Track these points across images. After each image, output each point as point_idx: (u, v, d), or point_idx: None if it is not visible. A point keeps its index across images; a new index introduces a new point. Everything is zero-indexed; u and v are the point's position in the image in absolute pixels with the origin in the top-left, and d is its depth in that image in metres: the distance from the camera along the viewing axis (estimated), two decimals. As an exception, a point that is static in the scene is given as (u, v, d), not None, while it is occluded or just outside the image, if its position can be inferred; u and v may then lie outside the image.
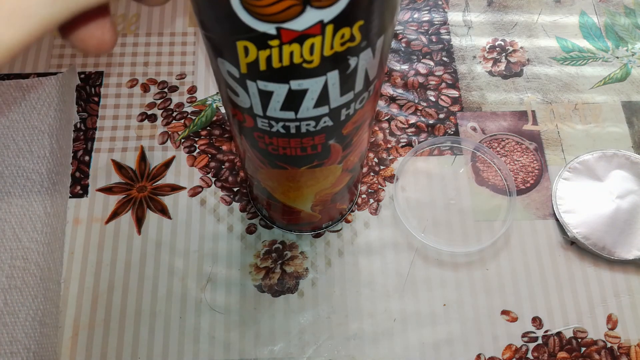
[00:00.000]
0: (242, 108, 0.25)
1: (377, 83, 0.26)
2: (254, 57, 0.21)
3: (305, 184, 0.31)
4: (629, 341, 0.38)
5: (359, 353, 0.38)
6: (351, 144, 0.29)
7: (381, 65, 0.25)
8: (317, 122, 0.25)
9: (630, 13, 0.50)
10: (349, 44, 0.21)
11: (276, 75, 0.22)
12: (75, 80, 0.46)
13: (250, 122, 0.25)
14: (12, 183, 0.41)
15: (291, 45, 0.20)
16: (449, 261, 0.40)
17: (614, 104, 0.46)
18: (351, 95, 0.24)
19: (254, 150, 0.28)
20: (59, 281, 0.39)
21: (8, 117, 0.43)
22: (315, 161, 0.28)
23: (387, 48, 0.25)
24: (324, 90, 0.23)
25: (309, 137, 0.26)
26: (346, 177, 0.33)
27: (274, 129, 0.25)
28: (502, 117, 0.45)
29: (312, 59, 0.21)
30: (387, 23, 0.22)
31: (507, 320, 0.39)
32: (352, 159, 0.31)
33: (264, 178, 0.32)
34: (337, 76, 0.22)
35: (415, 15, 0.50)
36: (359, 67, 0.23)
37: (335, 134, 0.26)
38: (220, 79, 0.24)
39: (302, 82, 0.22)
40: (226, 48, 0.21)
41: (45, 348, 0.37)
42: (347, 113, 0.25)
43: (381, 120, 0.45)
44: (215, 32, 0.21)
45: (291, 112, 0.24)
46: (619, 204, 0.41)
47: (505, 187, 0.43)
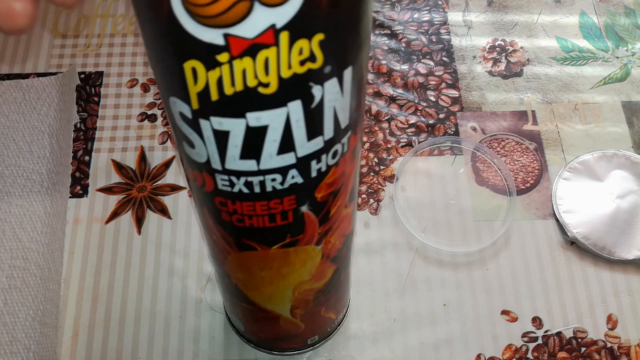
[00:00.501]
0: (199, 165, 0.22)
1: (352, 138, 0.23)
2: (203, 82, 0.19)
3: (280, 271, 0.27)
4: (629, 341, 0.38)
5: (359, 353, 0.38)
6: (329, 218, 0.25)
7: (354, 110, 0.22)
8: (284, 177, 0.22)
9: (630, 13, 0.50)
10: (309, 64, 0.19)
11: (230, 107, 0.19)
12: (75, 80, 0.46)
13: (210, 183, 0.23)
14: (12, 183, 0.41)
15: (243, 60, 0.18)
16: (449, 261, 0.40)
17: (614, 104, 0.46)
18: (320, 142, 0.21)
19: (218, 227, 0.25)
20: (59, 281, 0.39)
21: (8, 117, 0.43)
22: (287, 236, 0.25)
23: (359, 88, 0.22)
24: (287, 130, 0.20)
25: (276, 200, 0.23)
26: (329, 268, 0.29)
27: (235, 188, 0.22)
28: (502, 117, 0.45)
29: (269, 81, 0.19)
30: (353, 48, 0.20)
31: (507, 320, 0.39)
32: (333, 241, 0.27)
33: (233, 268, 0.28)
34: (301, 110, 0.20)
35: (415, 15, 0.50)
36: (326, 102, 0.20)
37: (308, 198, 0.23)
38: (177, 131, 0.22)
39: (261, 116, 0.19)
40: (174, 76, 0.19)
41: (45, 348, 0.37)
42: (319, 168, 0.22)
43: (381, 120, 0.45)
44: (161, 54, 0.19)
45: (252, 160, 0.21)
46: (619, 204, 0.41)
47: (505, 187, 0.43)
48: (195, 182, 0.24)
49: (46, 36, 0.48)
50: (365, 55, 0.22)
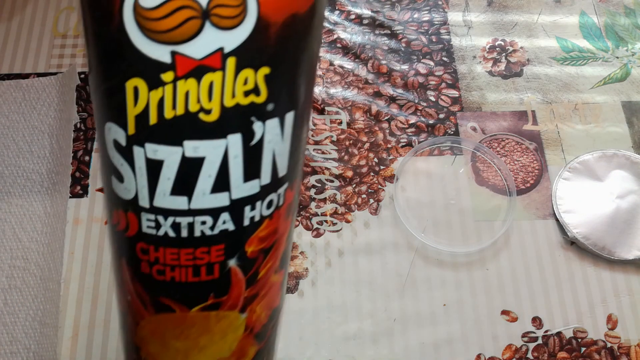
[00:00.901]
0: (125, 203, 0.21)
1: (288, 191, 0.22)
2: (144, 104, 0.18)
3: (197, 342, 0.24)
4: (629, 341, 0.38)
5: (359, 353, 0.38)
6: (257, 280, 0.23)
7: (292, 160, 0.21)
8: (214, 221, 0.20)
9: (630, 13, 0.50)
10: (253, 96, 0.18)
11: (168, 133, 0.18)
12: (75, 80, 0.46)
13: (133, 225, 0.21)
14: (12, 183, 0.41)
15: (187, 81, 0.17)
16: (449, 261, 0.40)
17: (614, 104, 0.46)
18: (256, 186, 0.20)
19: (136, 283, 0.23)
20: (59, 281, 0.39)
21: (8, 117, 0.43)
22: (210, 296, 0.22)
23: (299, 138, 0.21)
24: (224, 165, 0.19)
25: (204, 248, 0.21)
26: (251, 346, 0.26)
27: (161, 230, 0.20)
28: (502, 117, 0.45)
29: (211, 108, 0.18)
30: (297, 92, 0.20)
31: (507, 320, 0.39)
32: (258, 312, 0.24)
33: (145, 339, 0.25)
34: (240, 145, 0.19)
35: (415, 15, 0.50)
36: (265, 143, 0.20)
37: (237, 251, 0.22)
38: (106, 163, 0.21)
39: (199, 146, 0.19)
40: (114, 97, 0.18)
41: (45, 348, 0.37)
42: (252, 217, 0.21)
43: (381, 120, 0.45)
44: (105, 73, 0.18)
45: (184, 197, 0.20)
46: (619, 204, 0.41)
47: (505, 187, 0.43)
48: (117, 226, 0.22)
49: (46, 36, 0.48)
50: (308, 105, 0.21)
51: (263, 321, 0.25)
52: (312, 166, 0.43)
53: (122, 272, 0.23)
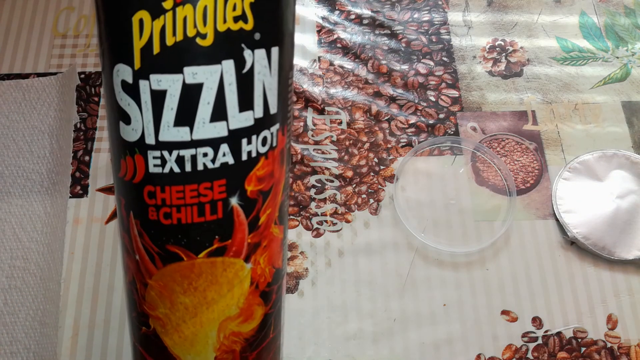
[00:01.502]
0: (132, 145, 0.22)
1: (280, 135, 0.24)
2: (148, 34, 0.20)
3: (205, 296, 0.25)
4: (629, 341, 0.38)
5: (359, 353, 0.38)
6: (258, 227, 0.25)
7: (282, 100, 0.24)
8: (215, 152, 0.22)
9: (630, 13, 0.50)
10: (241, 23, 0.21)
11: (170, 60, 0.21)
12: (75, 80, 0.46)
13: (140, 168, 0.23)
14: (12, 183, 0.41)
15: (185, 7, 0.20)
16: (449, 261, 0.40)
17: (614, 104, 0.46)
18: (250, 118, 0.22)
19: (143, 236, 0.24)
20: (59, 281, 0.39)
21: (8, 117, 0.43)
22: (215, 239, 0.24)
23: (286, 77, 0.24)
24: (220, 93, 0.22)
25: (207, 183, 0.23)
26: (258, 306, 0.26)
27: (167, 167, 0.22)
28: (502, 117, 0.45)
29: (206, 32, 0.20)
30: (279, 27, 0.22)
31: (507, 320, 0.39)
32: (262, 265, 0.26)
33: (154, 301, 0.25)
34: (233, 72, 0.21)
35: (415, 15, 0.50)
36: (256, 74, 0.22)
37: (238, 188, 0.23)
38: (115, 109, 0.23)
39: (197, 72, 0.21)
40: (122, 35, 0.21)
41: (45, 348, 0.37)
42: (249, 151, 0.23)
43: (381, 120, 0.45)
44: (113, 10, 0.21)
45: (186, 127, 0.22)
46: (619, 204, 0.41)
47: (505, 187, 0.43)
48: (124, 177, 0.24)
49: (46, 36, 0.48)
50: (290, 45, 0.24)
51: (268, 279, 0.26)
52: (312, 166, 0.43)
53: (130, 228, 0.24)
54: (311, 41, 0.48)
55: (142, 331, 0.27)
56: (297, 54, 0.48)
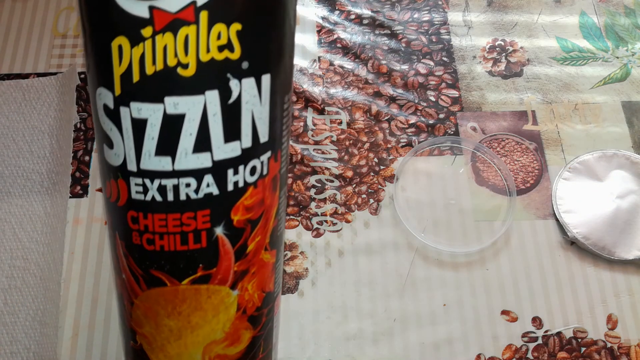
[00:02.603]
0: (115, 170, 0.22)
1: (272, 162, 0.23)
2: (127, 61, 0.19)
3: (189, 320, 0.24)
4: (629, 341, 0.38)
5: (359, 353, 0.38)
6: (245, 254, 0.23)
7: (274, 127, 0.22)
8: (198, 183, 0.21)
9: (630, 13, 0.50)
10: (227, 52, 0.19)
11: (150, 89, 0.20)
12: (75, 80, 0.46)
13: (124, 193, 0.22)
14: (12, 183, 0.41)
15: (165, 35, 0.19)
16: (449, 261, 0.40)
17: (614, 104, 0.46)
18: (237, 148, 0.21)
19: (128, 257, 0.24)
20: (59, 281, 0.39)
21: (8, 117, 0.43)
22: (199, 267, 0.23)
23: (280, 104, 0.22)
24: (204, 123, 0.20)
25: (190, 212, 0.22)
26: (245, 330, 0.25)
27: (149, 195, 0.21)
28: (502, 117, 0.45)
29: (188, 62, 0.19)
30: (271, 53, 0.21)
31: (507, 320, 0.39)
32: (251, 291, 0.25)
33: (140, 319, 0.25)
34: (218, 102, 0.20)
35: (415, 15, 0.50)
36: (243, 103, 0.21)
37: (223, 217, 0.22)
38: (99, 132, 0.22)
39: (179, 102, 0.20)
40: (102, 60, 0.20)
41: (45, 348, 0.37)
42: (236, 182, 0.22)
43: (381, 120, 0.45)
44: (94, 34, 0.20)
45: (167, 157, 0.21)
46: (619, 204, 0.41)
47: (505, 187, 0.43)
48: (110, 198, 0.23)
49: (46, 36, 0.48)
50: (286, 70, 0.22)
51: (257, 303, 0.25)
52: (312, 166, 0.43)
53: (117, 248, 0.24)
54: (311, 41, 0.48)
55: (131, 345, 0.26)
56: (297, 54, 0.48)
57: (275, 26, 0.21)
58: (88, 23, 0.20)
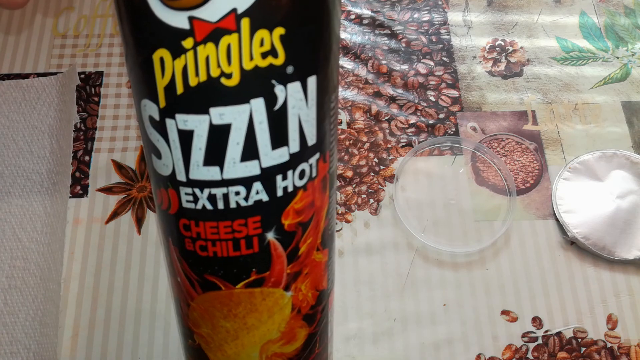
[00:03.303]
0: (165, 180, 0.22)
1: (321, 163, 0.22)
2: (170, 74, 0.19)
3: (245, 322, 0.24)
4: (629, 341, 0.38)
5: (359, 353, 0.38)
6: (298, 257, 0.24)
7: (322, 129, 0.22)
8: (248, 191, 0.21)
9: (630, 13, 0.50)
10: (271, 58, 0.19)
11: (195, 101, 0.19)
12: (75, 80, 0.46)
13: (174, 201, 0.22)
14: (12, 183, 0.41)
15: (206, 46, 0.18)
16: (449, 261, 0.40)
17: (614, 104, 0.46)
18: (285, 154, 0.21)
19: (182, 262, 0.24)
20: (59, 281, 0.39)
21: (8, 117, 0.43)
22: (252, 272, 0.23)
23: (327, 104, 0.22)
24: (250, 132, 0.20)
25: (240, 220, 0.22)
26: (301, 328, 0.26)
27: (199, 203, 0.21)
28: (502, 117, 0.45)
29: (231, 71, 0.19)
30: (316, 54, 0.20)
31: (507, 320, 0.39)
32: (304, 291, 0.25)
33: (197, 321, 0.25)
34: (264, 110, 0.20)
35: (415, 15, 0.50)
36: (289, 108, 0.20)
37: (274, 223, 0.22)
38: (147, 142, 0.22)
39: (224, 112, 0.19)
40: (145, 73, 0.20)
41: (45, 348, 0.37)
42: (285, 187, 0.21)
43: (381, 120, 0.45)
44: (135, 48, 0.20)
45: (216, 167, 0.21)
46: (619, 204, 0.41)
47: (505, 187, 0.43)
48: (161, 205, 0.23)
49: (46, 36, 0.48)
50: (332, 70, 0.22)
51: (311, 302, 0.25)
52: (312, 166, 0.43)
53: (171, 253, 0.24)
54: (311, 41, 0.48)
55: (189, 343, 0.27)
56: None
57: (321, 25, 0.20)
58: (129, 37, 0.20)
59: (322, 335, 0.28)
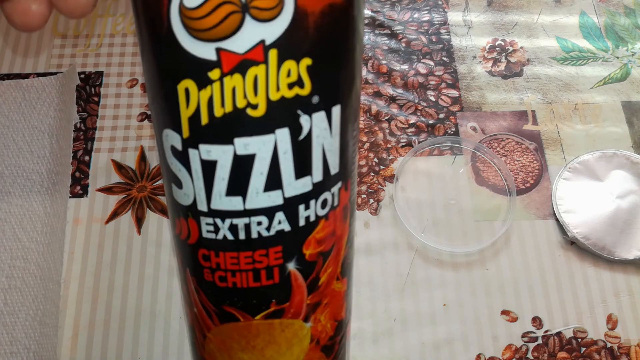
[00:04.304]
0: (185, 209, 0.22)
1: (342, 192, 0.22)
2: (195, 104, 0.19)
3: (263, 354, 0.24)
4: (629, 341, 0.38)
5: (359, 353, 0.38)
6: (318, 287, 0.23)
7: (344, 158, 0.22)
8: (270, 221, 0.21)
9: (630, 13, 0.50)
10: (297, 89, 0.19)
11: (219, 132, 0.19)
12: (75, 80, 0.46)
13: (194, 231, 0.22)
14: (12, 183, 0.41)
15: (233, 77, 0.18)
16: (449, 261, 0.40)
17: (614, 104, 0.46)
18: (309, 184, 0.21)
19: (200, 293, 0.24)
20: (59, 281, 0.39)
21: (8, 117, 0.43)
22: (272, 303, 0.23)
23: (349, 134, 0.22)
24: (275, 162, 0.20)
25: (261, 250, 0.22)
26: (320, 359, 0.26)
27: (220, 233, 0.21)
28: (502, 117, 0.45)
29: (257, 102, 0.19)
30: (341, 84, 0.20)
31: (507, 320, 0.39)
32: (324, 322, 0.25)
33: (213, 352, 0.25)
34: (289, 140, 0.20)
35: (415, 15, 0.50)
36: (314, 138, 0.20)
37: (295, 253, 0.22)
38: (167, 171, 0.22)
39: (249, 143, 0.19)
40: (169, 103, 0.19)
41: (45, 348, 0.37)
42: (307, 217, 0.21)
43: (381, 120, 0.45)
44: (159, 78, 0.19)
45: (238, 197, 0.20)
46: (619, 204, 0.41)
47: (505, 187, 0.43)
48: (180, 235, 0.23)
49: (46, 36, 0.48)
50: (355, 100, 0.22)
51: (329, 333, 0.25)
52: (312, 166, 0.43)
53: (188, 283, 0.24)
54: (311, 41, 0.48)
55: None
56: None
57: (346, 55, 0.20)
58: (153, 66, 0.20)
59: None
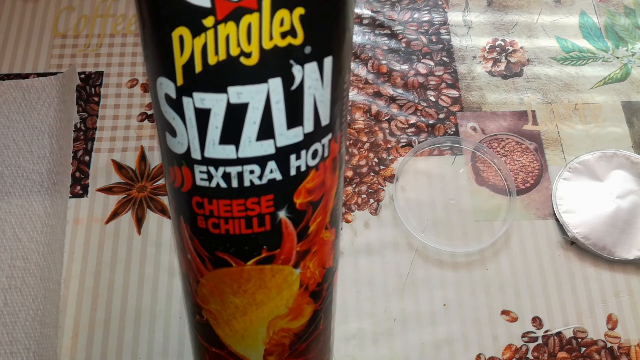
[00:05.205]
0: (179, 157, 0.22)
1: (332, 143, 0.23)
2: (189, 52, 0.19)
3: (254, 298, 0.25)
4: (629, 341, 0.38)
5: (359, 353, 0.38)
6: (307, 235, 0.24)
7: (335, 110, 0.22)
8: (262, 170, 0.22)
9: (630, 13, 0.50)
10: (290, 38, 0.19)
11: (213, 80, 0.20)
12: (75, 80, 0.46)
13: (188, 179, 0.22)
14: (12, 183, 0.41)
15: (227, 25, 0.19)
16: (449, 261, 0.40)
17: (614, 104, 0.46)
18: (300, 134, 0.21)
19: (194, 240, 0.24)
20: (59, 281, 0.39)
21: (8, 117, 0.43)
22: (263, 249, 0.24)
23: (340, 86, 0.22)
24: (267, 111, 0.20)
25: (254, 198, 0.22)
26: (307, 305, 0.27)
27: (213, 181, 0.22)
28: (502, 117, 0.45)
29: (251, 51, 0.19)
30: (333, 35, 0.20)
31: (507, 320, 0.39)
32: (312, 269, 0.25)
33: (206, 297, 0.26)
34: (281, 89, 0.20)
35: (415, 15, 0.50)
36: (306, 88, 0.21)
37: (286, 202, 0.23)
38: (161, 120, 0.22)
39: (242, 92, 0.20)
40: (163, 50, 0.20)
41: (45, 348, 0.37)
42: (298, 166, 0.22)
43: (381, 120, 0.45)
44: (154, 25, 0.20)
45: (231, 145, 0.21)
46: (619, 204, 0.41)
47: (505, 187, 0.43)
48: (174, 183, 0.23)
49: (46, 36, 0.48)
50: (346, 50, 0.22)
51: (317, 279, 0.26)
52: (312, 166, 0.43)
53: (182, 230, 0.24)
54: (311, 41, 0.48)
55: (197, 319, 0.28)
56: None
57: (339, 5, 0.20)
58: (147, 14, 0.20)
59: (327, 313, 0.28)
